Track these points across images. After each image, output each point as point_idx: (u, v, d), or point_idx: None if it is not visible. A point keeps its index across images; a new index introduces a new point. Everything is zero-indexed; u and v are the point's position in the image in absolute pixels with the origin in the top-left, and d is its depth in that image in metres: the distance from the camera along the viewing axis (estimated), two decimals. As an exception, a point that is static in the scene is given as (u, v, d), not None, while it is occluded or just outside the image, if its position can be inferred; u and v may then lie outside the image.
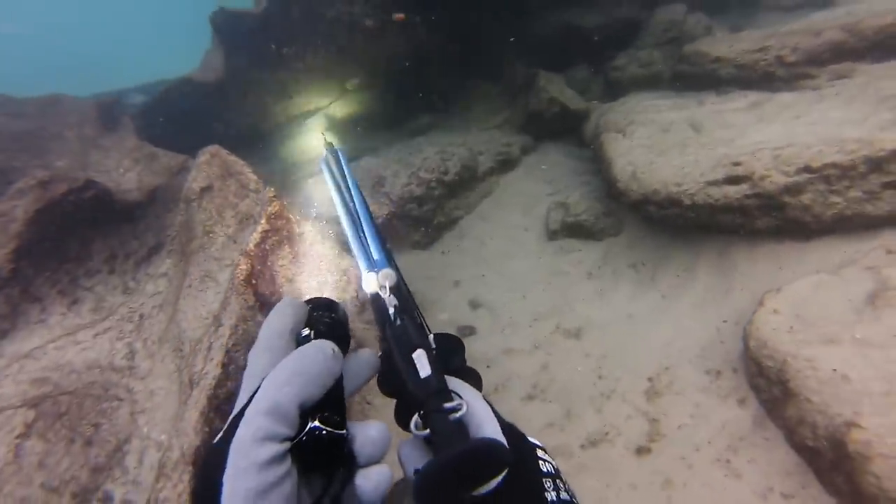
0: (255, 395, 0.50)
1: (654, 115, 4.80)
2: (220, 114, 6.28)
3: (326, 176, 0.87)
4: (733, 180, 3.67)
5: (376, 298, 0.69)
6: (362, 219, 0.79)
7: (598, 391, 3.32)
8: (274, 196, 3.28)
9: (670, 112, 4.79)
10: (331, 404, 0.54)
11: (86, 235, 3.99)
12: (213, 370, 2.36)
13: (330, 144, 0.90)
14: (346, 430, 0.54)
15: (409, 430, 0.61)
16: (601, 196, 4.77)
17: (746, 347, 2.97)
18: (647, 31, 6.43)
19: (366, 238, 0.77)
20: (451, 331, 2.67)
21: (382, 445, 0.57)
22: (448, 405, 0.58)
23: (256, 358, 0.58)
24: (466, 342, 0.71)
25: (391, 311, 0.67)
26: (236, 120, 6.43)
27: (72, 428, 2.54)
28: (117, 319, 3.27)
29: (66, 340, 3.13)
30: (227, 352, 2.45)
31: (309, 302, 0.66)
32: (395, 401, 0.68)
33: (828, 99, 4.20)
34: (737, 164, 3.69)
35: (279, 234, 3.14)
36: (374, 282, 0.70)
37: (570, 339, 3.79)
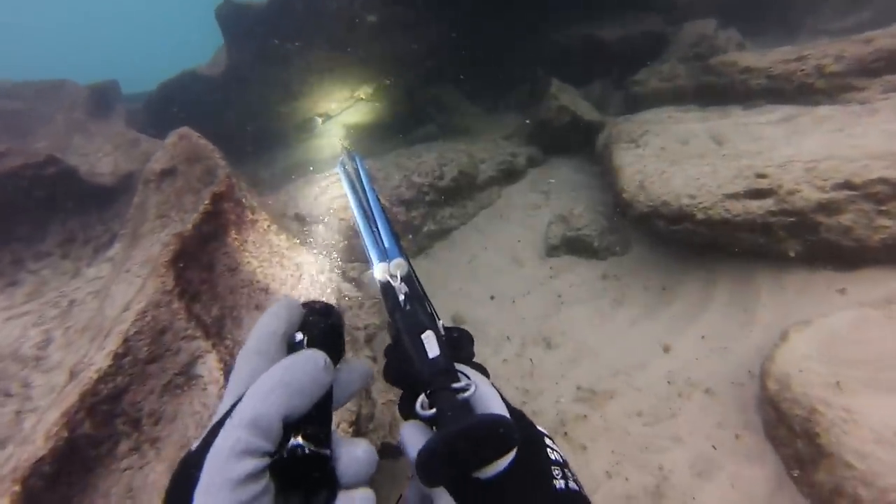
0: (239, 404, 0.47)
1: (672, 125, 4.34)
2: (223, 110, 6.09)
3: (342, 177, 0.90)
4: (756, 194, 3.16)
5: (387, 286, 0.68)
6: (375, 213, 0.80)
7: (571, 420, 2.79)
8: (227, 176, 2.94)
9: (690, 123, 4.32)
10: (317, 418, 0.51)
11: (42, 216, 3.72)
12: (100, 361, 1.96)
13: (347, 149, 0.92)
14: (331, 447, 0.52)
15: (414, 416, 0.59)
16: (608, 211, 4.28)
17: (764, 388, 2.41)
18: (673, 45, 6.03)
19: (378, 230, 0.77)
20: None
21: (368, 466, 0.53)
22: (456, 385, 0.57)
23: (245, 361, 0.55)
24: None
25: (401, 297, 0.66)
26: (238, 117, 6.24)
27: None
28: (41, 303, 2.92)
29: (-23, 322, 2.80)
30: (126, 340, 2.06)
31: (305, 305, 0.64)
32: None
33: (882, 112, 3.66)
34: (761, 175, 3.18)
35: (224, 218, 2.77)
36: (385, 270, 0.70)
37: (555, 361, 3.27)
